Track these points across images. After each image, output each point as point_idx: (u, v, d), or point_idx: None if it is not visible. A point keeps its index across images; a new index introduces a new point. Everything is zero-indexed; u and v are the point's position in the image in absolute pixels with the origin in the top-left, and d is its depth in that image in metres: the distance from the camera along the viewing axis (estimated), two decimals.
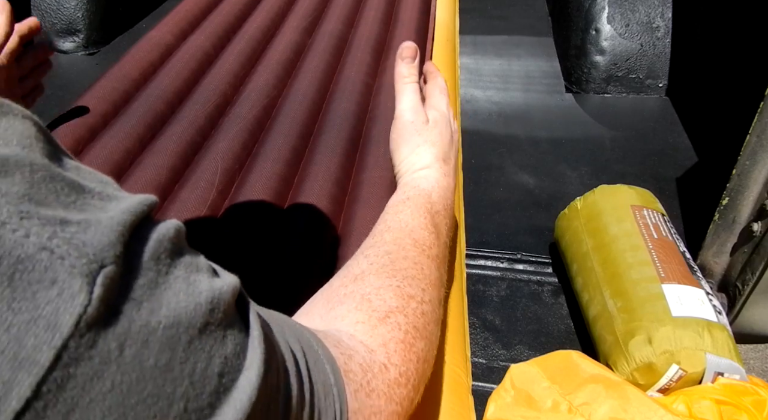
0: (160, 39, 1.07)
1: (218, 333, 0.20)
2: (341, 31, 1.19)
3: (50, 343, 0.15)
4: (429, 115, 0.58)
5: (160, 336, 0.18)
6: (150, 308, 0.18)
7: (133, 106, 0.88)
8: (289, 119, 0.89)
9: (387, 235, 0.48)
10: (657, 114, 1.69)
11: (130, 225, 0.19)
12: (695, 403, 0.82)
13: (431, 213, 0.51)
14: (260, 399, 0.21)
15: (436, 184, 0.53)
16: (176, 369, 0.18)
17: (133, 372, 0.17)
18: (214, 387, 0.19)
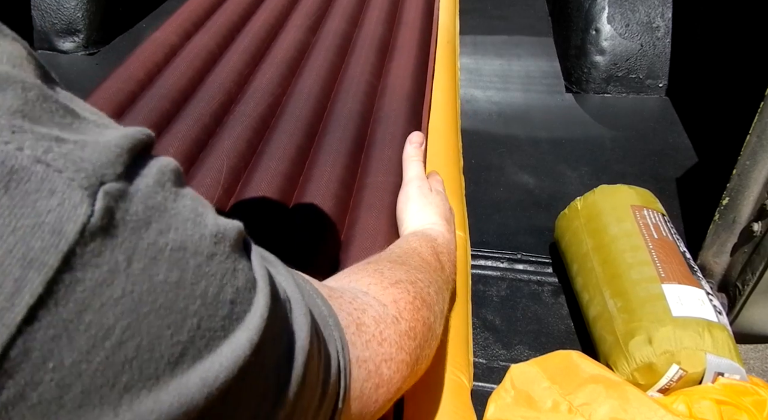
0: (165, 39, 1.07)
1: (227, 265, 0.21)
2: (345, 30, 1.19)
3: (57, 246, 0.15)
4: (432, 188, 0.68)
5: (168, 256, 0.18)
6: (158, 229, 0.18)
7: (138, 106, 0.88)
8: (294, 118, 0.89)
9: (397, 250, 0.53)
10: (657, 114, 1.69)
11: (129, 149, 0.19)
12: (695, 403, 0.82)
13: (436, 252, 0.56)
14: (269, 330, 0.22)
15: (440, 235, 0.60)
16: (188, 288, 0.19)
17: (144, 283, 0.17)
18: (227, 312, 0.20)
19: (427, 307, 0.44)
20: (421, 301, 0.43)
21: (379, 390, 0.35)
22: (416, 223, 0.63)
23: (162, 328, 0.18)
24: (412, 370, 0.40)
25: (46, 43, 1.94)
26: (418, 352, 0.41)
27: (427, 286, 0.46)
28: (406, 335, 0.39)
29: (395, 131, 0.87)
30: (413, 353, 0.40)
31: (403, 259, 0.50)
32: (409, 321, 0.40)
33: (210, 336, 0.19)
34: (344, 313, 0.34)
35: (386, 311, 0.39)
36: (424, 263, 0.51)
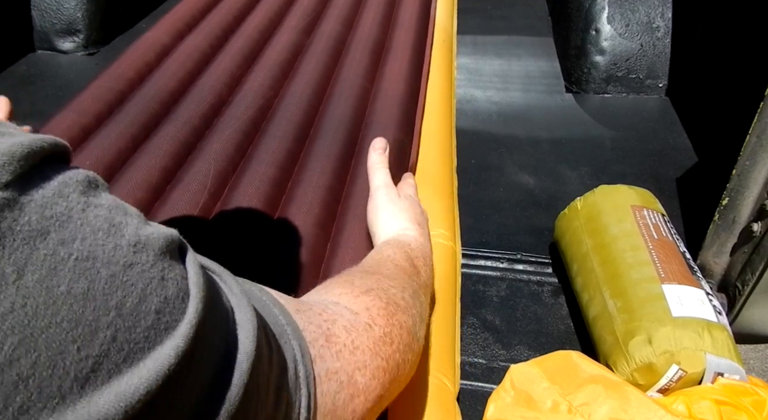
0: (157, 39, 1.06)
1: (151, 273, 0.20)
2: (340, 32, 1.18)
3: None
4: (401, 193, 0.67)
5: (73, 266, 0.17)
6: (59, 239, 0.17)
7: (128, 107, 0.87)
8: (285, 121, 0.89)
9: (369, 261, 0.52)
10: (657, 114, 1.69)
11: (22, 157, 0.17)
12: (695, 403, 0.82)
13: (410, 257, 0.55)
14: (200, 337, 0.21)
15: (413, 240, 0.59)
16: (99, 299, 0.18)
17: (40, 296, 0.16)
18: (151, 322, 0.19)
19: (403, 311, 0.43)
20: (395, 305, 0.43)
21: (355, 400, 0.35)
22: (388, 231, 0.61)
23: (65, 342, 0.16)
24: (393, 375, 0.39)
25: (46, 43, 1.94)
26: (398, 357, 0.40)
27: (401, 291, 0.46)
28: (380, 341, 0.38)
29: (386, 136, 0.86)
30: (391, 358, 0.39)
31: (375, 268, 0.50)
32: (383, 326, 0.40)
33: (130, 349, 0.18)
34: (313, 325, 0.34)
35: (358, 319, 0.38)
36: (397, 270, 0.51)
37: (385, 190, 0.67)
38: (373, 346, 0.37)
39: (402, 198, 0.66)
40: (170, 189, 0.74)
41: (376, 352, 0.37)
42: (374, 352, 0.37)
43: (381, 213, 0.64)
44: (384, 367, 0.38)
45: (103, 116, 0.85)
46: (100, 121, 0.84)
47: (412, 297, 0.47)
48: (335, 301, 0.40)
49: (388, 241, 0.58)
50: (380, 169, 0.70)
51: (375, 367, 0.37)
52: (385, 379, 0.38)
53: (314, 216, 0.71)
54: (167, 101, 0.91)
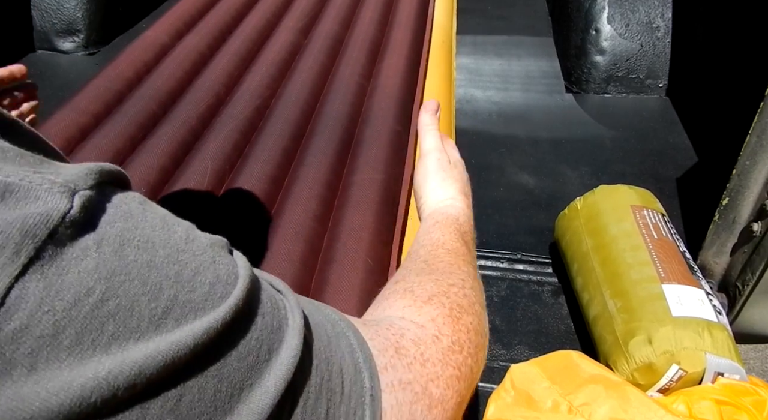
0: (156, 39, 1.06)
1: (202, 258, 0.24)
2: (337, 31, 1.19)
3: (46, 224, 0.19)
4: (451, 159, 0.66)
5: (136, 244, 0.22)
6: (124, 227, 0.22)
7: (126, 106, 0.87)
8: (282, 120, 0.89)
9: (421, 250, 0.52)
10: (657, 114, 1.69)
11: (98, 171, 0.22)
12: (695, 403, 0.82)
13: (460, 232, 0.55)
14: (245, 312, 0.25)
15: (462, 212, 0.59)
16: (160, 268, 0.22)
17: (114, 262, 0.21)
18: (206, 291, 0.23)
19: (467, 312, 0.43)
20: (459, 308, 0.43)
21: (433, 411, 0.35)
22: (435, 199, 0.60)
23: (138, 295, 0.21)
24: (468, 381, 0.39)
25: (46, 43, 1.94)
26: (469, 362, 0.40)
27: (462, 288, 0.46)
28: (449, 350, 0.39)
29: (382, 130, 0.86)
30: (463, 365, 0.39)
31: (430, 263, 0.49)
32: (450, 336, 0.40)
33: (191, 307, 0.22)
34: (380, 337, 0.35)
35: (425, 332, 0.39)
36: (451, 258, 0.50)
37: (437, 154, 0.64)
38: (443, 357, 0.38)
39: (452, 165, 0.64)
40: (168, 188, 0.75)
41: (447, 363, 0.38)
42: (445, 363, 0.37)
43: (431, 180, 0.62)
44: (457, 375, 0.38)
45: (101, 116, 0.85)
46: (98, 121, 0.84)
47: (473, 287, 0.47)
48: (400, 315, 0.40)
49: (436, 218, 0.57)
50: (432, 131, 0.67)
51: (448, 377, 0.37)
52: (461, 386, 0.38)
53: (311, 210, 0.72)
54: (165, 101, 0.91)
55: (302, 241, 0.68)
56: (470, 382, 0.40)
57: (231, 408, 0.23)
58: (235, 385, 0.23)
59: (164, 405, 0.21)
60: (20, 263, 0.18)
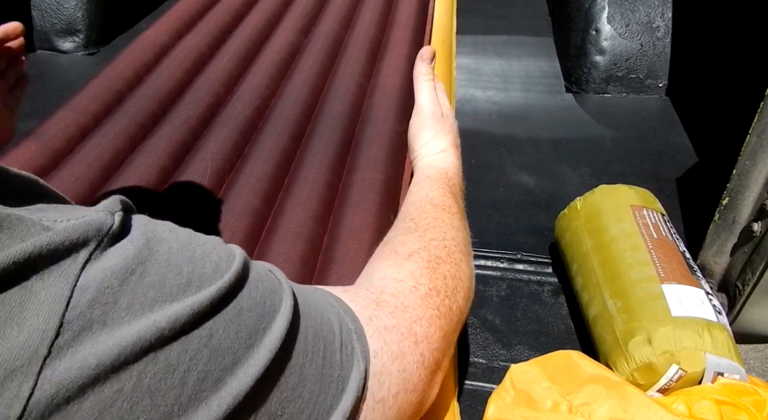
0: (156, 39, 1.06)
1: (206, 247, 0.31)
2: (337, 31, 1.18)
3: (99, 231, 0.26)
4: (443, 112, 0.69)
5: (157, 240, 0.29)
6: (146, 230, 0.29)
7: (125, 106, 0.87)
8: (282, 120, 0.89)
9: (411, 207, 0.57)
10: (657, 114, 1.69)
11: (120, 200, 0.29)
12: (695, 403, 0.82)
13: (449, 185, 0.60)
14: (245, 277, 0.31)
15: (452, 164, 0.63)
16: (177, 253, 0.29)
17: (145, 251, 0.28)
18: (213, 267, 0.30)
19: (444, 261, 0.48)
20: (437, 259, 0.48)
21: (420, 345, 0.40)
22: (427, 152, 0.64)
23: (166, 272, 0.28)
24: (448, 318, 0.45)
25: (46, 43, 1.94)
26: (447, 302, 0.45)
27: (442, 241, 0.50)
28: (427, 296, 0.44)
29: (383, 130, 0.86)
30: (441, 306, 0.44)
31: (417, 220, 0.54)
32: (427, 284, 0.45)
33: (201, 281, 0.29)
34: (361, 298, 0.40)
35: (403, 285, 0.44)
36: (437, 212, 0.55)
37: (432, 108, 0.67)
38: (422, 302, 0.43)
39: (444, 117, 0.68)
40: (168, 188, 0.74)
41: (426, 306, 0.43)
42: (424, 306, 0.43)
43: (425, 133, 0.66)
44: (437, 314, 0.43)
45: (101, 115, 0.85)
46: (98, 121, 0.84)
47: (453, 238, 0.52)
48: (382, 276, 0.46)
49: (427, 172, 0.61)
50: (427, 82, 0.69)
51: (429, 317, 0.42)
52: (442, 323, 0.43)
53: (311, 210, 0.71)
54: (165, 101, 0.91)
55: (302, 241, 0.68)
56: (452, 318, 0.45)
57: (252, 344, 0.29)
58: (251, 328, 0.29)
59: (200, 340, 0.27)
60: (87, 253, 0.25)
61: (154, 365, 0.25)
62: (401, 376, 0.38)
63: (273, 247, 0.67)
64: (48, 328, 0.22)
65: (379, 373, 0.36)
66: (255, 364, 0.28)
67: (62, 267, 0.24)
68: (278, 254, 0.66)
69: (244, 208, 0.71)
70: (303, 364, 0.31)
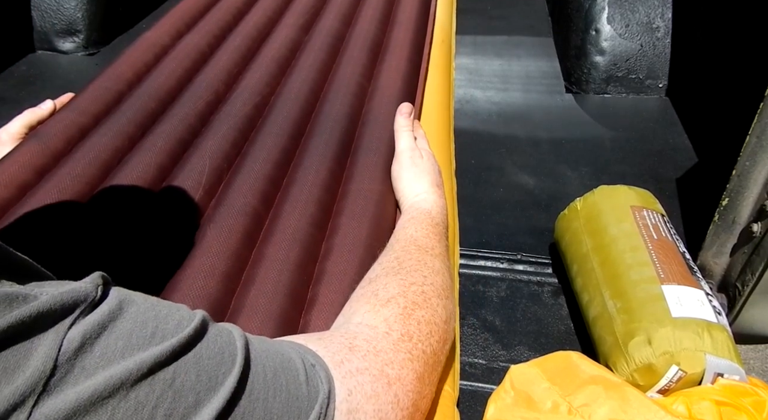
0: (157, 39, 1.06)
1: (171, 307, 0.35)
2: (338, 29, 1.18)
3: (86, 298, 0.31)
4: (422, 154, 0.76)
5: (128, 302, 0.33)
6: (119, 295, 0.33)
7: (125, 105, 0.87)
8: (281, 118, 0.88)
9: (396, 245, 0.60)
10: (657, 114, 1.69)
11: (101, 276, 0.33)
12: (695, 404, 0.82)
13: (432, 225, 0.64)
14: (201, 334, 0.35)
15: (434, 204, 0.68)
16: (144, 312, 0.33)
17: (117, 311, 0.32)
18: (175, 324, 0.34)
19: (420, 306, 0.51)
20: (413, 305, 0.50)
21: (393, 386, 0.42)
22: (410, 194, 0.70)
23: (133, 328, 0.32)
24: (422, 361, 0.47)
25: (46, 43, 1.94)
26: (420, 346, 0.47)
27: (422, 285, 0.53)
28: (399, 341, 0.46)
29: (382, 136, 0.86)
30: (414, 349, 0.46)
31: (401, 260, 0.57)
32: (399, 330, 0.47)
33: (167, 332, 0.33)
34: (334, 344, 0.43)
35: (376, 331, 0.46)
36: (420, 254, 0.58)
37: (410, 153, 0.75)
38: (393, 346, 0.45)
39: (424, 159, 0.74)
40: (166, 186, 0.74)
41: (398, 350, 0.45)
42: (396, 350, 0.45)
43: (405, 175, 0.72)
44: (409, 357, 0.45)
45: (101, 116, 0.85)
46: (98, 121, 0.84)
47: (433, 283, 0.54)
48: (358, 321, 0.48)
49: (411, 213, 0.66)
50: (406, 132, 0.78)
51: (401, 360, 0.45)
52: (415, 365, 0.45)
53: (309, 215, 0.71)
54: (165, 99, 0.91)
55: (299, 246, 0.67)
56: (426, 361, 0.47)
57: (213, 386, 0.33)
58: (211, 373, 0.33)
59: (164, 382, 0.30)
60: (75, 315, 0.29)
61: (126, 402, 0.29)
62: (377, 416, 0.41)
63: (269, 250, 0.67)
64: (45, 370, 0.27)
65: (354, 411, 0.39)
66: (216, 402, 0.32)
67: (56, 325, 0.28)
68: (275, 260, 0.65)
69: (243, 208, 0.71)
70: (266, 399, 0.35)
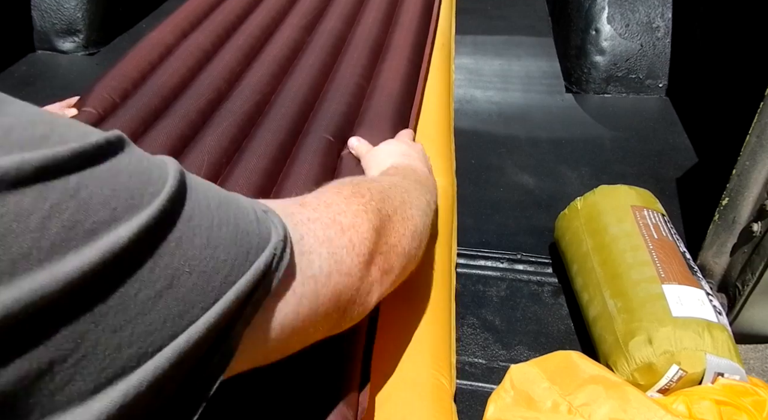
0: (161, 39, 1.06)
1: (76, 123, 0.29)
2: (341, 29, 1.18)
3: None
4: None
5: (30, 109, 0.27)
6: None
7: (129, 103, 0.88)
8: (280, 115, 0.89)
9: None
10: (657, 114, 1.69)
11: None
12: (695, 403, 0.82)
13: (398, 168, 0.64)
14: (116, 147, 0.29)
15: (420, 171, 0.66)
16: (49, 119, 0.27)
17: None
18: (79, 133, 0.27)
19: (370, 182, 0.51)
20: (363, 182, 0.50)
21: (347, 233, 0.42)
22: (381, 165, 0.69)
23: (38, 119, 0.26)
24: (377, 218, 0.45)
25: (46, 43, 1.94)
26: (374, 205, 0.46)
27: (370, 181, 0.52)
28: (352, 195, 0.46)
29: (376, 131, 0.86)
30: (368, 203, 0.46)
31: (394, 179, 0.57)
32: (350, 188, 0.47)
33: (65, 138, 0.26)
34: (285, 201, 0.42)
35: (326, 188, 0.47)
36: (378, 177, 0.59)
37: (377, 147, 0.74)
38: (345, 200, 0.45)
39: (401, 143, 0.74)
40: None
41: (351, 202, 0.44)
42: (349, 203, 0.44)
43: (376, 153, 0.72)
44: (363, 209, 0.45)
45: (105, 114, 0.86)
46: (102, 119, 0.85)
47: (390, 183, 0.54)
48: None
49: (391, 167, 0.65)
50: (365, 145, 0.78)
51: (354, 210, 0.44)
52: (370, 216, 0.45)
53: None
54: (168, 97, 0.92)
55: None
56: (381, 218, 0.46)
57: (135, 204, 0.28)
58: (133, 191, 0.28)
59: (64, 191, 0.25)
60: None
61: (2, 207, 0.23)
62: (332, 259, 0.40)
63: None
64: None
65: (308, 253, 0.38)
66: (139, 220, 0.27)
67: None
68: None
69: None
70: (210, 228, 0.31)
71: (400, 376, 0.60)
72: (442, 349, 0.65)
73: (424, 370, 0.61)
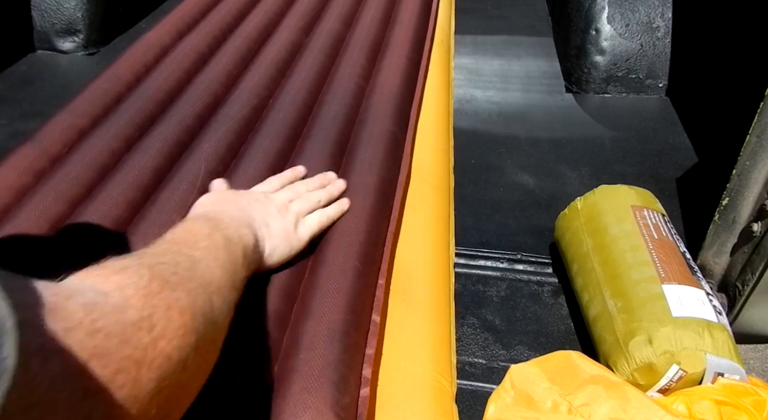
0: (157, 40, 1.06)
1: None
2: (339, 30, 1.18)
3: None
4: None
5: None
6: None
7: (123, 107, 0.87)
8: (278, 121, 0.88)
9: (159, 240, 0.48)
10: (657, 114, 1.69)
11: None
12: (695, 403, 0.82)
13: (212, 226, 0.51)
14: None
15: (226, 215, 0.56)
16: None
17: None
18: None
19: (175, 289, 0.37)
20: (162, 283, 0.36)
21: (89, 399, 0.27)
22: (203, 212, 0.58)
23: None
24: (160, 371, 0.32)
25: (46, 43, 1.94)
26: (164, 346, 0.33)
27: (174, 266, 0.39)
28: (135, 327, 0.31)
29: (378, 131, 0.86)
30: (151, 348, 0.32)
31: (159, 242, 0.44)
32: (141, 310, 0.33)
33: None
34: (30, 293, 0.27)
35: (105, 300, 0.31)
36: (188, 236, 0.45)
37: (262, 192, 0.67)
38: (121, 331, 0.30)
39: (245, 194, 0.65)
40: (161, 189, 0.74)
41: (126, 340, 0.30)
42: (123, 340, 0.30)
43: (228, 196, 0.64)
44: (137, 358, 0.31)
45: (99, 118, 0.85)
46: (95, 123, 0.84)
47: (190, 269, 0.41)
48: (81, 281, 0.33)
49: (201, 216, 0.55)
50: (265, 183, 0.71)
51: (122, 358, 0.30)
52: (141, 374, 0.31)
53: None
54: (163, 101, 0.91)
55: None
56: (164, 372, 0.32)
57: None
58: None
59: None
60: None
61: None
62: None
63: None
64: None
65: None
66: None
67: None
68: None
69: None
70: None
71: (400, 377, 0.60)
72: (443, 351, 0.65)
73: (425, 371, 0.61)
